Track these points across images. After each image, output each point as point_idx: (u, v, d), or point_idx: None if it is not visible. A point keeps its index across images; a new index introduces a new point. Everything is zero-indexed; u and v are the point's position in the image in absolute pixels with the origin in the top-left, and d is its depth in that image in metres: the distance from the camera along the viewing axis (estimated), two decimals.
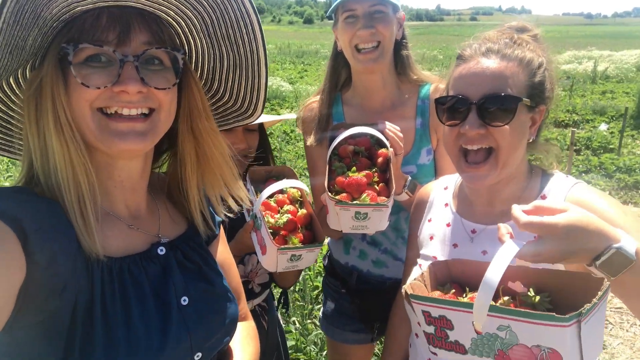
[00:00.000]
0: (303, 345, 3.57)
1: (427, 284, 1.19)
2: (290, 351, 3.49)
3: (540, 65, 1.31)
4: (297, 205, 1.72)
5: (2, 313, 0.78)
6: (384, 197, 1.50)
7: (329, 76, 2.07)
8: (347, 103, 2.06)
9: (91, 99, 0.93)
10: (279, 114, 12.54)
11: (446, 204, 1.53)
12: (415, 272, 1.45)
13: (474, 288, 1.10)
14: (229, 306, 1.17)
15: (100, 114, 0.95)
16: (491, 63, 1.28)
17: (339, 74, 2.06)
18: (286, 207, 1.68)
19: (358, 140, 1.63)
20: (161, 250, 1.09)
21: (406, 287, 1.10)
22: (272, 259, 1.50)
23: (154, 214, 1.16)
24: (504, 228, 1.05)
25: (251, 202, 1.60)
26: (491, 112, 1.25)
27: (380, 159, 1.63)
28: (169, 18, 1.07)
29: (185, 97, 1.09)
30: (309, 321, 3.77)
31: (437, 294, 1.15)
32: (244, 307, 1.37)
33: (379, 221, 1.49)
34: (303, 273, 4.30)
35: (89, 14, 0.94)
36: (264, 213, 1.59)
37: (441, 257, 1.42)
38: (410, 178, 1.82)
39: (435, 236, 1.49)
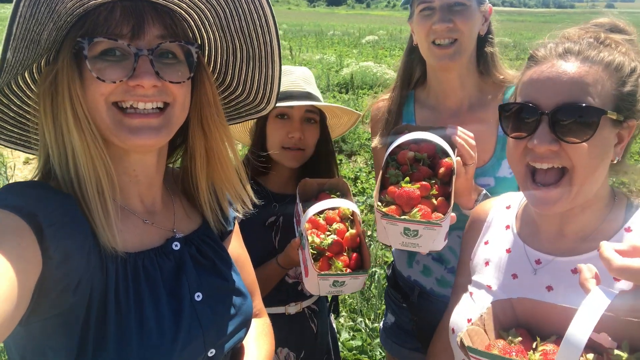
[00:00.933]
0: (370, 347, 3.46)
1: (488, 329, 1.00)
2: (354, 352, 3.41)
3: (633, 71, 1.07)
4: (347, 224, 1.62)
5: (20, 307, 0.79)
6: (440, 214, 1.32)
7: (401, 72, 1.91)
8: (419, 102, 1.89)
9: (106, 92, 0.93)
10: None
11: (507, 226, 1.32)
12: (466, 303, 1.29)
13: (545, 335, 0.93)
14: (243, 303, 1.17)
15: (115, 108, 0.95)
16: (569, 67, 1.06)
17: (413, 70, 1.89)
18: (335, 226, 1.59)
19: (421, 145, 1.46)
20: (176, 245, 1.09)
21: (462, 336, 0.92)
22: (314, 283, 1.42)
23: (169, 209, 1.16)
24: (587, 271, 0.86)
25: (298, 218, 1.52)
26: (566, 126, 1.04)
27: (442, 170, 1.44)
28: (182, 11, 1.05)
29: (197, 91, 1.08)
30: (376, 324, 3.64)
31: (501, 344, 0.95)
32: (259, 303, 1.37)
33: (431, 241, 1.32)
34: (380, 271, 4.18)
35: (102, 7, 0.94)
36: (309, 232, 1.51)
37: (496, 287, 1.24)
38: (485, 191, 1.62)
39: (492, 262, 1.29)
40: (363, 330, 3.58)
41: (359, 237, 1.56)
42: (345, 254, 1.51)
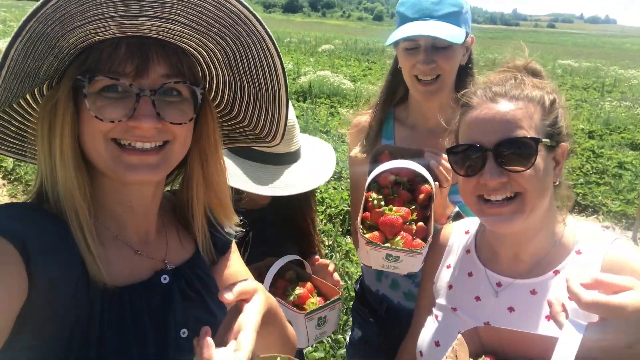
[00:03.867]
0: (332, 359, 3.47)
1: (460, 358, 1.05)
2: None
3: (552, 102, 1.21)
4: (299, 285, 1.66)
5: (2, 332, 0.78)
6: (419, 241, 1.38)
7: (385, 90, 1.97)
8: (399, 121, 1.96)
9: (105, 130, 0.92)
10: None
11: (468, 251, 1.41)
12: (432, 326, 1.35)
13: None
14: None
15: (114, 144, 0.94)
16: (501, 106, 1.19)
17: (396, 89, 1.96)
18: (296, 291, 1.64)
19: (401, 169, 1.51)
20: (164, 279, 1.07)
21: None
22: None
23: (162, 238, 1.14)
24: (557, 304, 0.93)
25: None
26: (510, 157, 1.15)
27: (422, 195, 1.51)
28: (190, 49, 1.02)
29: (199, 126, 1.08)
30: (340, 336, 3.65)
31: None
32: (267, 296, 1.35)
33: (411, 265, 1.38)
34: (343, 282, 4.19)
35: (107, 43, 0.91)
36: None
37: (461, 310, 1.31)
38: (457, 209, 1.69)
39: (455, 286, 1.37)
40: (326, 342, 3.58)
41: (316, 286, 1.57)
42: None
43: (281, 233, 1.98)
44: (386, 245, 1.35)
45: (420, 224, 1.43)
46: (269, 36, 0.98)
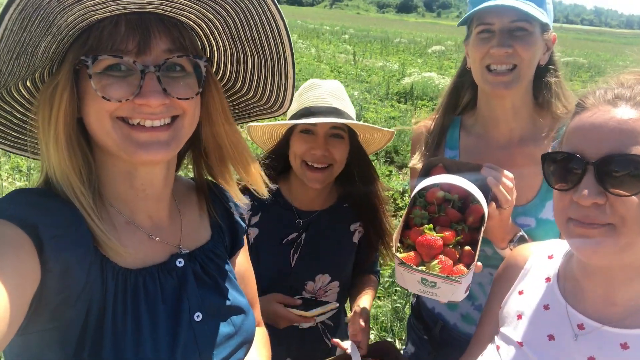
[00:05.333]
0: None
1: None
2: None
3: None
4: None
5: (16, 320, 0.79)
6: (462, 268, 1.21)
7: (448, 94, 1.79)
8: (466, 129, 1.76)
9: (112, 109, 0.91)
10: None
11: (548, 279, 1.19)
12: (492, 357, 1.17)
13: None
14: (244, 321, 1.15)
15: (122, 122, 0.93)
16: (618, 112, 0.95)
17: (462, 93, 1.77)
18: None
19: (453, 185, 1.33)
20: (180, 262, 1.07)
21: None
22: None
23: (176, 223, 1.14)
24: None
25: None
26: (614, 177, 0.93)
27: (471, 217, 1.32)
28: (190, 22, 1.00)
29: (205, 100, 1.06)
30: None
31: None
32: (258, 314, 1.37)
33: (451, 293, 1.21)
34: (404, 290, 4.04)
35: (106, 21, 0.90)
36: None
37: (528, 347, 1.12)
38: (522, 232, 1.49)
39: (525, 315, 1.17)
40: None
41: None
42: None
43: (334, 237, 1.91)
44: (420, 268, 1.21)
45: (467, 248, 1.25)
46: None
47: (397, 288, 4.18)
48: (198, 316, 1.05)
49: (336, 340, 1.69)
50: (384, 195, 1.94)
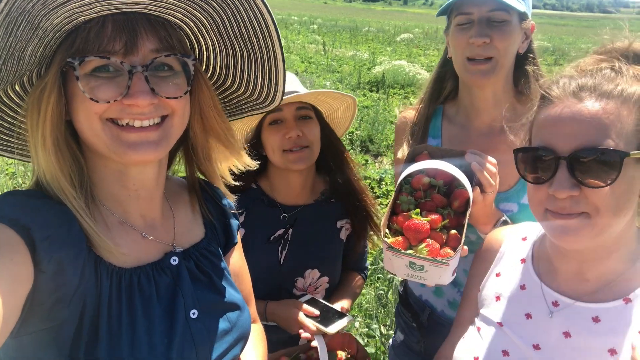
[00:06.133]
0: (383, 355, 3.40)
1: None
2: None
3: None
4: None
5: (9, 322, 0.79)
6: (448, 251, 1.23)
7: (431, 84, 1.81)
8: (448, 118, 1.79)
9: (100, 111, 0.90)
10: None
11: (522, 260, 1.24)
12: (473, 338, 1.21)
13: None
14: (240, 317, 1.16)
15: (111, 123, 0.92)
16: (584, 106, 0.97)
17: (444, 83, 1.79)
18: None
19: (438, 170, 1.35)
20: (174, 260, 1.07)
21: None
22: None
23: (169, 221, 1.14)
24: None
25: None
26: (587, 169, 0.96)
27: (457, 201, 1.34)
28: (177, 20, 1.00)
29: (195, 98, 1.06)
30: (391, 332, 3.57)
31: None
32: (254, 311, 1.38)
33: (438, 276, 1.23)
34: (395, 278, 4.10)
35: (92, 22, 0.89)
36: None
37: (507, 326, 1.17)
38: (505, 217, 1.53)
39: (503, 297, 1.21)
40: (377, 338, 3.51)
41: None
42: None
43: (321, 232, 1.92)
44: (408, 252, 1.22)
45: (453, 231, 1.28)
46: None
47: (380, 275, 4.23)
48: (194, 313, 1.05)
49: (305, 334, 1.69)
50: (363, 182, 1.96)
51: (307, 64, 16.15)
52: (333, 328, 1.69)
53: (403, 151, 1.74)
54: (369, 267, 4.31)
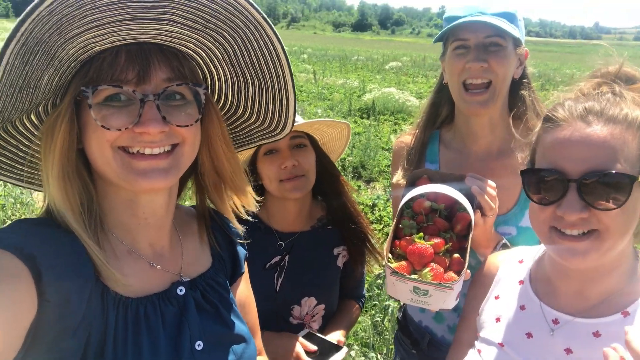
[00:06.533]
0: None
1: None
2: None
3: None
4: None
5: (9, 351, 0.78)
6: (453, 275, 1.23)
7: (427, 109, 1.83)
8: (445, 143, 1.80)
9: (112, 139, 0.91)
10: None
11: (521, 282, 1.25)
12: (473, 359, 1.21)
13: None
14: (245, 350, 1.15)
15: (122, 152, 0.93)
16: (595, 130, 1.00)
17: (440, 108, 1.81)
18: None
19: (439, 195, 1.36)
20: (180, 290, 1.07)
21: None
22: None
23: (177, 251, 1.14)
24: (614, 356, 0.83)
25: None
26: (596, 192, 0.98)
27: (459, 226, 1.35)
28: (189, 51, 1.01)
29: (205, 127, 1.07)
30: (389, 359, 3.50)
31: None
32: (259, 343, 1.37)
33: (442, 301, 1.23)
34: (393, 304, 4.05)
35: (107, 52, 0.91)
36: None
37: (509, 346, 1.17)
38: (504, 240, 1.53)
39: (503, 318, 1.22)
40: None
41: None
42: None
43: (318, 259, 1.90)
44: (412, 277, 1.21)
45: (456, 255, 1.27)
46: (267, 22, 0.96)
47: (376, 302, 4.18)
48: (199, 345, 1.04)
49: None
50: (358, 206, 1.96)
51: (298, 92, 16.32)
52: None
53: (399, 176, 1.75)
54: (365, 293, 4.28)
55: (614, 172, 0.97)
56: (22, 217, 0.98)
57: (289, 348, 1.68)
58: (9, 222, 1.00)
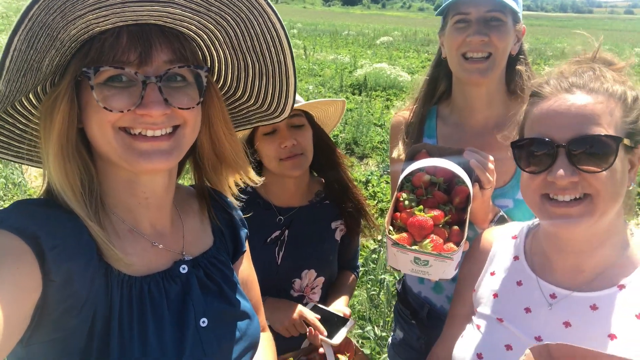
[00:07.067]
0: (378, 357, 3.41)
1: None
2: None
3: (635, 99, 1.08)
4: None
5: (16, 331, 0.79)
6: (452, 245, 1.27)
7: (425, 85, 1.84)
8: (442, 118, 1.82)
9: (113, 120, 0.91)
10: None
11: (516, 257, 1.29)
12: (474, 336, 1.24)
13: None
14: (249, 326, 1.17)
15: (123, 133, 0.93)
16: (578, 99, 1.06)
17: (438, 84, 1.83)
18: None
19: (438, 168, 1.39)
20: (183, 268, 1.08)
21: None
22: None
23: (179, 230, 1.15)
24: None
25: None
26: (585, 156, 1.03)
27: (457, 198, 1.38)
28: (190, 32, 1.01)
29: (206, 109, 1.07)
30: (385, 333, 3.59)
31: None
32: (262, 319, 1.40)
33: (442, 271, 1.27)
34: (389, 278, 4.13)
35: (108, 33, 0.90)
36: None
37: (508, 322, 1.20)
38: (501, 213, 1.57)
39: (501, 295, 1.26)
40: (372, 339, 3.53)
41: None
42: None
43: (316, 232, 1.94)
44: (413, 248, 1.26)
45: (455, 227, 1.31)
46: (271, 8, 0.96)
47: (371, 277, 4.25)
48: (204, 322, 1.05)
49: (324, 339, 1.71)
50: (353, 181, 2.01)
51: None
52: (337, 339, 1.71)
53: (399, 150, 1.78)
54: (360, 267, 4.35)
55: (600, 135, 1.02)
56: (15, 198, 0.96)
57: (290, 314, 1.74)
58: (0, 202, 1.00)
